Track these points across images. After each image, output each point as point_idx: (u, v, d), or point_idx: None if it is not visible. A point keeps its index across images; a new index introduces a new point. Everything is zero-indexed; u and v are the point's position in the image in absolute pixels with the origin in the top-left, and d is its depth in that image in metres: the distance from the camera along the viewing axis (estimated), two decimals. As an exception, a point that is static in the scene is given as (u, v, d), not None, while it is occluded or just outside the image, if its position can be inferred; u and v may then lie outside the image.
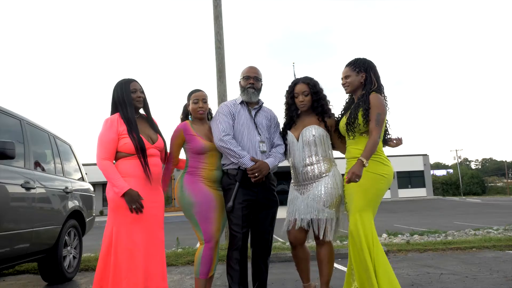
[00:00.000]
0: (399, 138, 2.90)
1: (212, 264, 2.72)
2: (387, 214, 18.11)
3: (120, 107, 2.64)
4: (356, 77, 2.72)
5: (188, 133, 2.79)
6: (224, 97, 5.93)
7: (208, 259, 2.69)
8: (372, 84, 2.70)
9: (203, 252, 2.69)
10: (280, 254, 5.08)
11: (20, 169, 3.38)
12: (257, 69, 2.95)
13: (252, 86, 2.86)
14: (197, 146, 2.75)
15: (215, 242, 2.72)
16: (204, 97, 2.86)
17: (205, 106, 2.86)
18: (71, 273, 4.23)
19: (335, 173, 2.78)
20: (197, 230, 2.73)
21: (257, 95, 2.90)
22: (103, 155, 2.54)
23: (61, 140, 4.63)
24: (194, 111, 2.84)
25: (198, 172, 2.76)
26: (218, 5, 6.16)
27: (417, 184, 35.58)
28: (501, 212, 16.69)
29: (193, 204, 2.70)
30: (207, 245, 2.69)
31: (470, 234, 7.12)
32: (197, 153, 2.77)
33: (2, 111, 3.34)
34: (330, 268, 2.80)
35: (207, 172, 2.77)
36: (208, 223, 2.70)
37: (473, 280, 3.51)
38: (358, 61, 2.76)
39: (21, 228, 3.25)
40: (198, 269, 2.70)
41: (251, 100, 2.88)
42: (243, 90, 2.88)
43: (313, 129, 2.79)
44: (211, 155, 2.79)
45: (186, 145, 2.80)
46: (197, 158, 2.77)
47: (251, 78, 2.87)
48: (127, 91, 2.67)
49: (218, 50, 6.05)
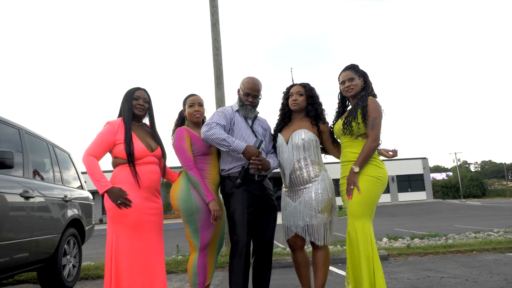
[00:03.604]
0: (395, 150, 2.89)
1: (208, 272, 2.67)
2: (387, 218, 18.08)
3: (122, 113, 2.70)
4: (358, 80, 2.75)
5: (192, 134, 2.75)
6: (222, 103, 5.94)
7: (204, 267, 2.64)
8: (369, 89, 2.76)
9: (198, 261, 2.63)
10: (280, 260, 5.06)
11: (19, 178, 3.37)
12: (259, 85, 2.88)
13: (251, 104, 2.84)
14: (204, 146, 2.70)
15: (209, 249, 2.68)
16: (200, 101, 2.84)
17: (201, 109, 2.84)
18: (71, 282, 4.20)
19: (325, 177, 2.77)
20: (193, 237, 2.66)
21: (254, 111, 2.89)
22: (92, 151, 2.55)
23: (60, 149, 4.63)
24: (190, 115, 2.82)
25: (205, 174, 2.70)
26: (215, 12, 6.20)
27: (417, 188, 35.56)
28: (502, 214, 16.67)
29: (200, 210, 2.62)
30: (202, 253, 2.64)
31: (470, 237, 7.11)
32: (204, 154, 2.72)
33: (0, 120, 3.35)
34: (325, 272, 2.79)
35: (213, 175, 2.74)
36: (209, 231, 2.66)
37: (473, 283, 3.51)
38: (356, 66, 2.80)
39: (20, 237, 3.23)
40: (195, 279, 2.62)
41: (248, 116, 2.87)
42: (242, 105, 2.86)
43: (303, 133, 2.79)
44: (214, 157, 2.79)
45: (191, 147, 2.71)
46: (204, 160, 2.72)
47: (251, 96, 2.84)
48: (130, 98, 2.71)
49: (216, 57, 6.08)
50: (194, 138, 2.73)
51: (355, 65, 2.81)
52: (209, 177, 2.72)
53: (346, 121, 2.67)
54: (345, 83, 2.76)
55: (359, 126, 2.62)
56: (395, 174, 34.07)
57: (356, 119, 2.62)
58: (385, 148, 2.90)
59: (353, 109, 2.69)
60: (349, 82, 2.74)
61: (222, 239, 2.83)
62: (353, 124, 2.63)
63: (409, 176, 35.32)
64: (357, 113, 2.63)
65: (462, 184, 41.39)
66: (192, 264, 2.65)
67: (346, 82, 2.75)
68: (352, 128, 2.63)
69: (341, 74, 2.82)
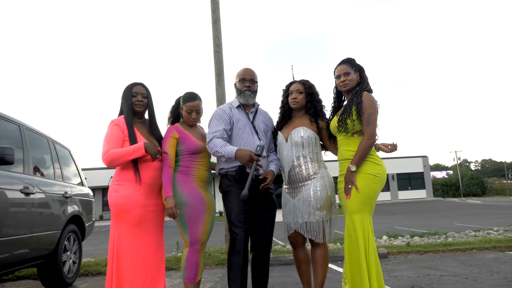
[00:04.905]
0: (394, 144, 2.83)
1: (199, 267, 2.67)
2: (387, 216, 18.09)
3: (124, 110, 2.71)
4: (354, 75, 2.70)
5: (182, 133, 2.74)
6: (223, 100, 5.93)
7: (194, 262, 2.63)
8: (365, 84, 2.71)
9: (188, 255, 2.64)
10: (280, 257, 5.07)
11: (19, 174, 3.37)
12: (253, 70, 2.93)
13: (249, 89, 2.86)
14: (192, 146, 2.71)
15: (201, 245, 2.66)
16: (198, 108, 2.79)
17: (198, 117, 2.82)
18: (71, 278, 4.21)
19: (324, 174, 2.76)
20: (183, 232, 2.68)
21: (254, 97, 2.90)
22: (108, 149, 2.57)
23: (60, 145, 4.63)
24: (187, 119, 2.80)
25: (190, 172, 2.71)
26: (216, 9, 6.17)
27: (417, 186, 35.57)
28: (501, 213, 16.67)
29: (184, 204, 2.64)
30: (192, 248, 2.64)
31: (470, 235, 7.11)
32: (192, 153, 2.72)
33: (1, 116, 3.35)
34: (324, 270, 2.78)
35: (199, 172, 2.74)
36: (197, 226, 2.65)
37: (473, 282, 3.51)
38: (353, 60, 2.74)
39: (21, 233, 3.24)
40: (185, 274, 2.64)
41: (248, 102, 2.88)
42: (240, 93, 2.88)
43: (302, 131, 2.79)
44: (204, 155, 2.78)
45: (179, 146, 2.73)
46: (191, 158, 2.73)
47: (247, 81, 2.86)
48: (128, 95, 2.72)
49: (217, 54, 6.06)
50: (184, 138, 2.73)
51: (352, 59, 2.75)
52: (195, 174, 2.72)
53: (341, 119, 2.63)
54: (340, 77, 2.71)
55: (354, 123, 2.58)
56: (395, 172, 34.08)
57: (350, 116, 2.58)
58: (384, 143, 2.83)
59: (348, 105, 2.64)
60: (344, 76, 2.69)
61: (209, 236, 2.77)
62: (348, 122, 2.59)
63: (409, 174, 35.33)
64: (351, 110, 2.58)
65: (462, 183, 41.38)
66: (182, 259, 2.67)
67: (342, 77, 2.70)
68: (347, 125, 2.60)
69: (336, 68, 2.76)
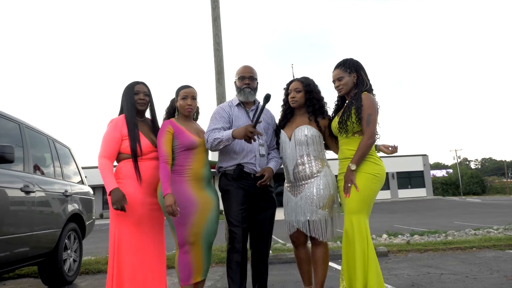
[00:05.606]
0: (395, 146, 2.86)
1: (191, 268, 2.60)
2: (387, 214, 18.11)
3: (125, 109, 2.71)
4: (349, 78, 2.69)
5: (176, 127, 2.68)
6: (223, 99, 5.92)
7: (185, 264, 2.58)
8: (364, 84, 2.70)
9: (178, 258, 2.60)
10: (280, 256, 5.07)
11: (20, 172, 3.37)
12: (252, 68, 2.92)
13: (248, 86, 2.85)
14: (187, 141, 2.64)
15: (190, 246, 2.59)
16: (194, 94, 2.75)
17: (194, 103, 2.75)
18: (72, 276, 4.22)
19: (327, 173, 2.76)
20: (173, 232, 2.63)
21: (254, 94, 2.89)
22: (104, 153, 2.59)
23: (60, 144, 4.63)
24: (182, 107, 2.73)
25: (184, 171, 2.62)
26: (216, 7, 6.16)
27: (417, 184, 35.57)
28: (501, 211, 16.70)
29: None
30: (181, 250, 2.60)
31: (470, 234, 7.12)
32: (187, 149, 2.64)
33: (1, 115, 3.34)
34: (325, 268, 2.78)
35: (194, 170, 2.65)
36: (183, 228, 2.58)
37: (473, 280, 3.51)
38: (348, 61, 2.73)
39: (21, 232, 3.24)
40: (178, 276, 2.61)
41: (248, 100, 2.87)
42: (239, 90, 2.87)
43: (306, 129, 2.78)
44: (200, 151, 2.70)
45: (174, 141, 2.64)
46: (186, 155, 2.64)
47: (247, 78, 2.85)
48: (130, 94, 2.72)
49: (217, 52, 6.05)
50: (179, 132, 2.66)
51: (346, 60, 2.74)
52: (189, 172, 2.63)
53: (341, 120, 2.65)
54: (335, 82, 2.75)
55: (353, 125, 2.61)
56: (395, 171, 34.09)
57: (350, 118, 2.60)
58: (385, 144, 2.86)
59: (347, 107, 2.66)
60: (338, 82, 2.72)
61: (209, 235, 2.71)
62: (348, 123, 2.61)
63: (409, 173, 35.33)
64: (351, 112, 2.61)
65: (462, 181, 41.38)
66: (175, 261, 2.64)
67: (336, 82, 2.74)
68: (347, 127, 2.62)
69: (332, 72, 2.78)
